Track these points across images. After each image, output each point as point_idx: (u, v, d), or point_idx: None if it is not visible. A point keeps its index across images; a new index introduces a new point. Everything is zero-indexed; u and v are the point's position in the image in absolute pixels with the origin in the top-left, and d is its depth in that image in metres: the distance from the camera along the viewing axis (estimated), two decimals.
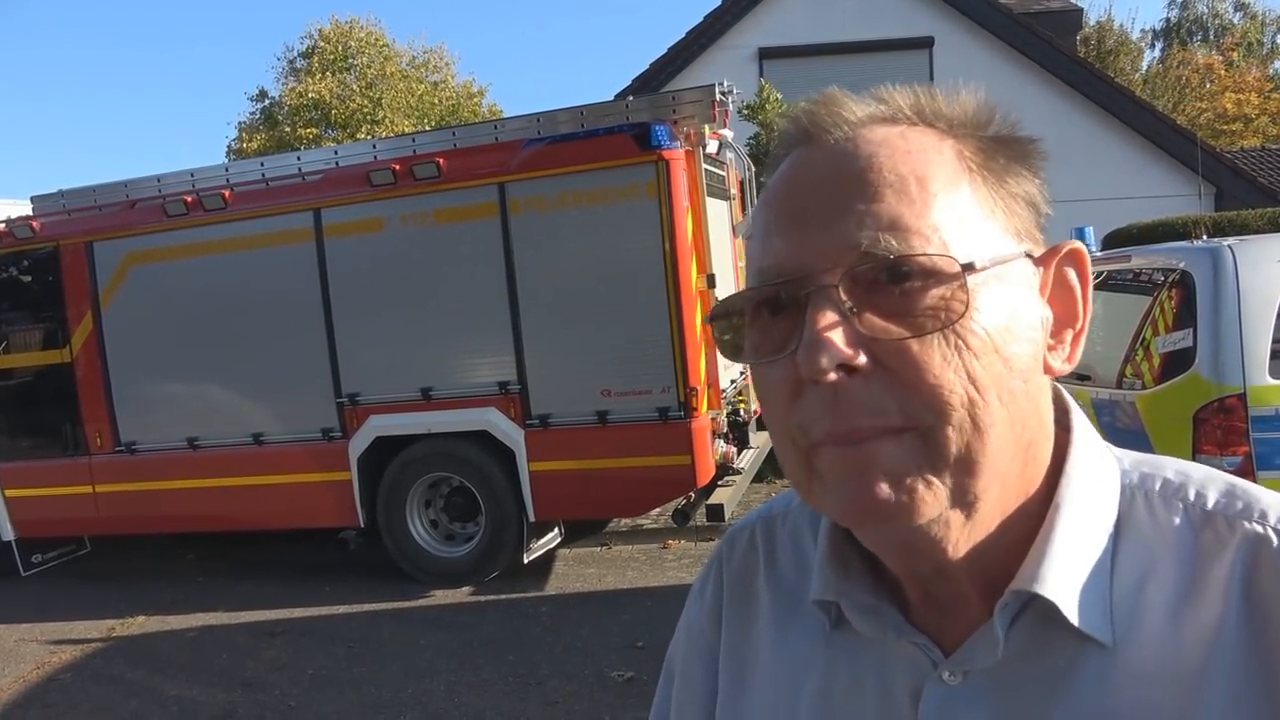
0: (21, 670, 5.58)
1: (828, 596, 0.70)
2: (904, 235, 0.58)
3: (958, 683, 0.64)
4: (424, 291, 6.16)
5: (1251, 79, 26.20)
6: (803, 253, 0.60)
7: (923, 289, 0.57)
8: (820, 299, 0.58)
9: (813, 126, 0.63)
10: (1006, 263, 0.60)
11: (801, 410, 0.60)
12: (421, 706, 4.60)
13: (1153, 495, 0.65)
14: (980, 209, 0.61)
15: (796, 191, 0.62)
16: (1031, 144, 0.65)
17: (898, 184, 0.59)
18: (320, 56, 24.15)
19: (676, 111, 5.89)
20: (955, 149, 0.62)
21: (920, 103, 0.64)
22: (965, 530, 0.61)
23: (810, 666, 0.73)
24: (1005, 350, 0.59)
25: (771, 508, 0.83)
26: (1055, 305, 0.64)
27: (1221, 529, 0.62)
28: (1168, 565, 0.62)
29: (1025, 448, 0.62)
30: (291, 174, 6.56)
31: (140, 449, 6.92)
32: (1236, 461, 3.34)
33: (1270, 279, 3.47)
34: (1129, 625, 0.61)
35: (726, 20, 13.52)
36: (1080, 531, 0.63)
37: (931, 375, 0.57)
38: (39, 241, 7.03)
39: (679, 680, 0.86)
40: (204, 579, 7.20)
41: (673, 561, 6.59)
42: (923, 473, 0.58)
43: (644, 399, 5.77)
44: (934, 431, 0.57)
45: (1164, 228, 9.71)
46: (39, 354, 7.20)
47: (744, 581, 0.81)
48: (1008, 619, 0.63)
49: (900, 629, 0.67)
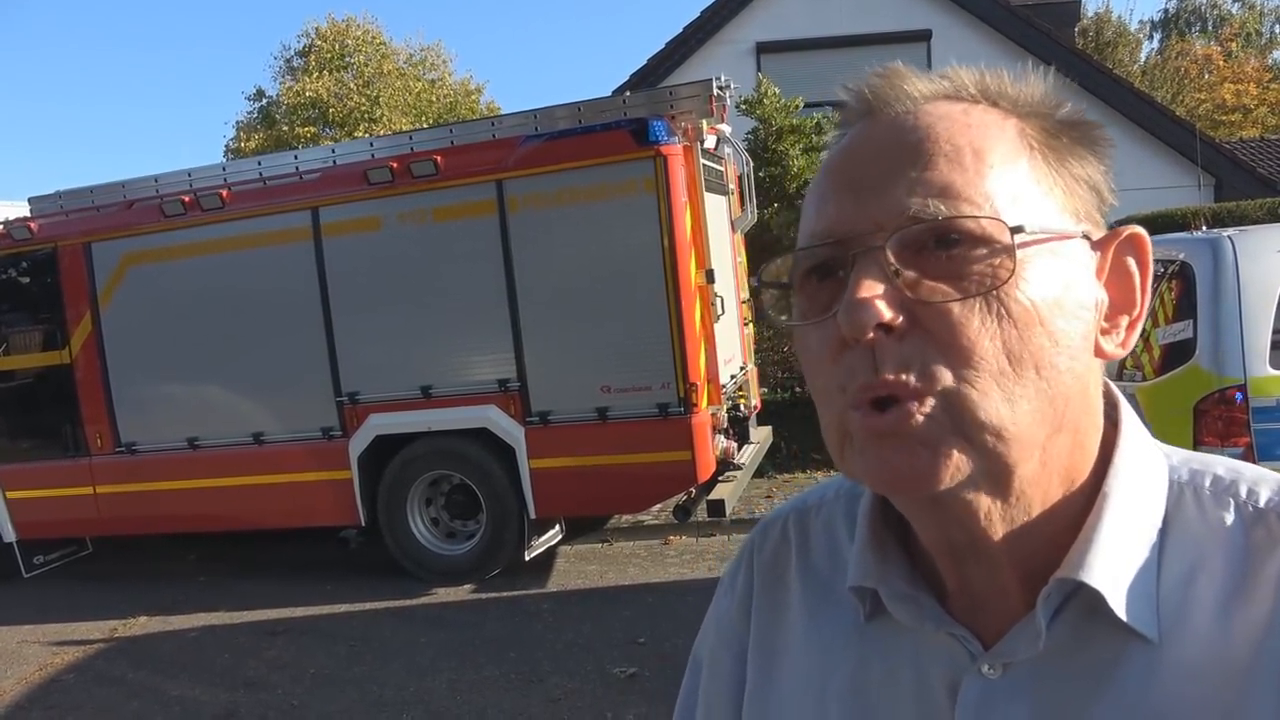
0: (24, 671, 5.58)
1: (866, 583, 0.69)
2: (954, 201, 0.58)
3: (997, 676, 0.63)
4: (422, 289, 6.15)
5: (1250, 69, 26.18)
6: (854, 216, 0.60)
7: (970, 253, 0.57)
8: (866, 261, 0.58)
9: (876, 100, 0.63)
10: (1061, 240, 0.60)
11: (843, 370, 0.59)
12: (423, 704, 4.60)
13: (1202, 492, 0.64)
14: (1038, 186, 0.61)
15: (853, 161, 0.62)
16: (1099, 129, 0.65)
17: (953, 154, 0.59)
18: (317, 55, 24.13)
19: (674, 107, 5.89)
20: (1018, 127, 0.62)
21: (985, 82, 0.64)
22: (1002, 507, 0.60)
23: (842, 658, 0.72)
24: (1051, 324, 0.58)
25: (806, 499, 0.83)
26: (1112, 290, 0.64)
27: (1275, 526, 0.61)
28: (1217, 562, 0.61)
29: (1070, 429, 0.61)
30: (289, 173, 6.55)
31: (140, 449, 6.92)
32: (1237, 453, 3.33)
33: (1270, 270, 3.46)
34: (1175, 621, 0.60)
35: (724, 15, 13.49)
36: (1128, 524, 0.62)
37: (966, 338, 0.56)
38: (37, 243, 7.02)
39: (707, 672, 0.85)
40: (205, 579, 7.21)
41: (674, 557, 6.59)
42: (947, 438, 0.57)
43: (644, 395, 5.77)
44: (958, 395, 0.56)
45: (1163, 219, 9.67)
46: (38, 355, 7.20)
47: (775, 572, 0.81)
48: (1051, 610, 0.61)
49: (939, 619, 0.66)
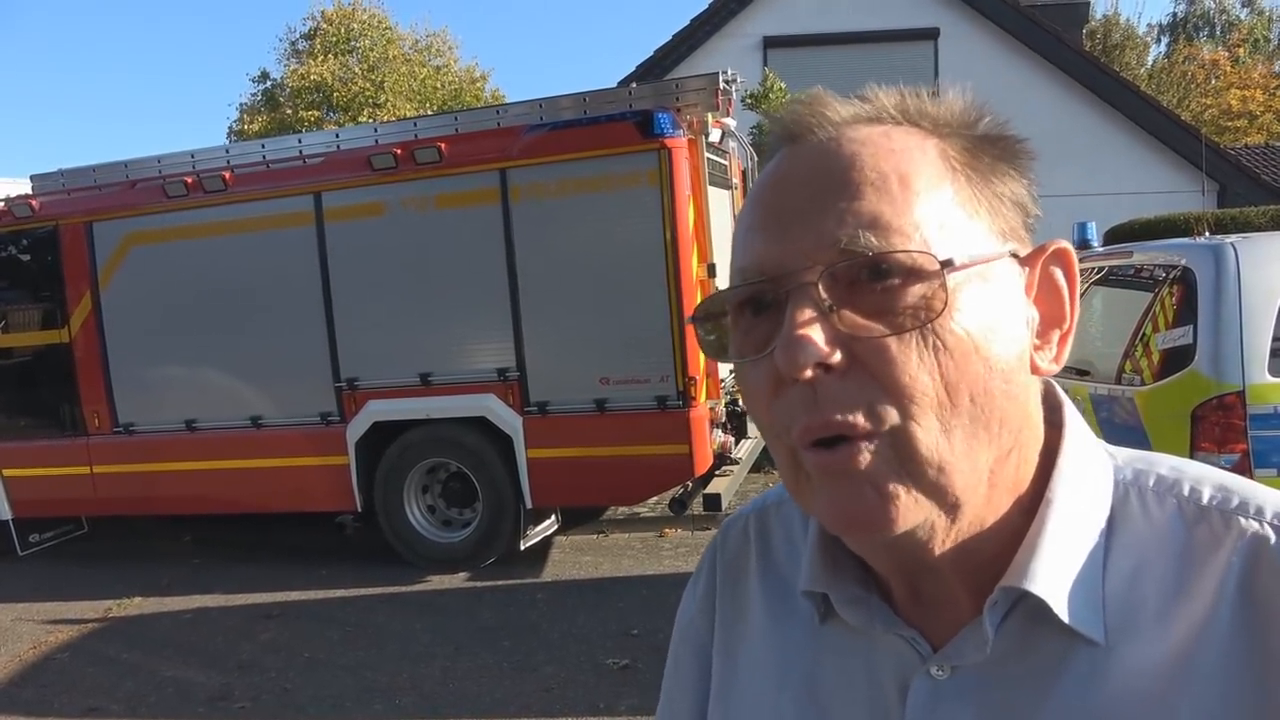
0: (18, 649, 5.60)
1: (816, 588, 0.70)
2: (884, 233, 0.57)
3: (945, 677, 0.64)
4: (424, 277, 6.15)
5: (1257, 75, 26.12)
6: (783, 251, 0.59)
7: (902, 287, 0.57)
8: (800, 297, 0.58)
9: (796, 126, 0.63)
10: (989, 262, 0.60)
11: (782, 409, 0.59)
12: (417, 690, 4.62)
13: (1146, 491, 0.64)
14: (964, 209, 0.60)
15: (778, 191, 0.62)
16: (1019, 144, 0.65)
17: (879, 182, 0.58)
18: (323, 38, 24.03)
19: (680, 99, 5.87)
20: (939, 148, 0.62)
21: (905, 102, 0.63)
22: (951, 531, 0.61)
23: (798, 658, 0.73)
24: (986, 350, 0.58)
25: (766, 498, 0.83)
26: (1042, 305, 0.64)
27: (1216, 525, 0.61)
28: (1160, 561, 0.62)
29: (1010, 446, 0.61)
30: (292, 156, 6.54)
31: (138, 430, 6.92)
32: (1234, 459, 3.33)
33: (1272, 277, 3.46)
34: (1121, 622, 0.61)
35: (731, 8, 13.46)
36: (1072, 528, 0.62)
37: (906, 374, 0.56)
38: (38, 221, 7.00)
39: (670, 670, 0.86)
40: (201, 561, 7.22)
41: (669, 550, 6.60)
42: (900, 478, 0.57)
43: (642, 387, 5.77)
44: (903, 432, 0.57)
45: (1166, 224, 9.69)
46: (37, 334, 7.19)
47: (737, 571, 0.81)
48: (998, 616, 0.62)
49: (888, 621, 0.67)
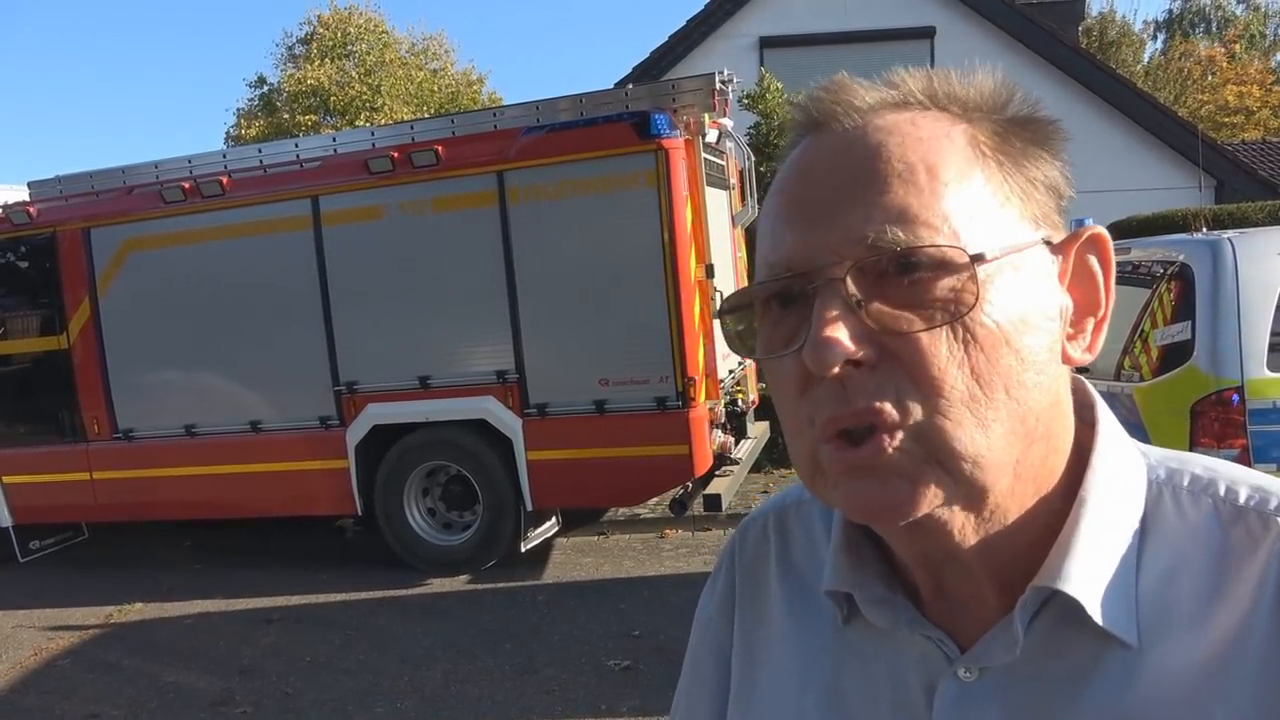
0: (19, 656, 5.59)
1: (841, 587, 0.69)
2: (912, 226, 0.56)
3: (973, 679, 0.63)
4: (422, 280, 6.14)
5: (1254, 71, 26.15)
6: (811, 246, 0.59)
7: (932, 280, 0.56)
8: (828, 293, 0.57)
9: (821, 114, 0.62)
10: (1021, 251, 0.58)
11: (810, 403, 0.59)
12: (419, 694, 4.61)
13: (1180, 491, 0.63)
14: (994, 196, 0.59)
15: (804, 182, 0.61)
16: (1051, 125, 0.63)
17: (906, 173, 0.57)
18: (319, 43, 24.03)
19: (676, 100, 5.87)
20: (968, 134, 0.60)
21: (933, 86, 0.62)
22: (976, 522, 0.60)
23: (820, 659, 0.72)
24: (1017, 343, 0.57)
25: (785, 498, 0.82)
26: (1075, 293, 0.62)
27: (1254, 525, 0.60)
28: (1196, 562, 0.60)
29: (1041, 440, 0.60)
30: (290, 161, 6.54)
31: (138, 436, 6.92)
32: (1233, 454, 3.34)
33: (1269, 273, 3.46)
34: (1155, 624, 0.59)
35: (727, 8, 13.46)
36: (1105, 527, 0.61)
37: (935, 368, 0.56)
38: (36, 227, 7.00)
39: (689, 671, 0.85)
40: (201, 566, 7.22)
41: (670, 551, 6.60)
42: (921, 469, 0.56)
43: (642, 388, 5.77)
44: (932, 426, 0.56)
45: (1163, 220, 9.69)
46: (36, 340, 7.19)
47: (756, 572, 0.80)
48: (1028, 616, 0.61)
49: (914, 622, 0.66)
